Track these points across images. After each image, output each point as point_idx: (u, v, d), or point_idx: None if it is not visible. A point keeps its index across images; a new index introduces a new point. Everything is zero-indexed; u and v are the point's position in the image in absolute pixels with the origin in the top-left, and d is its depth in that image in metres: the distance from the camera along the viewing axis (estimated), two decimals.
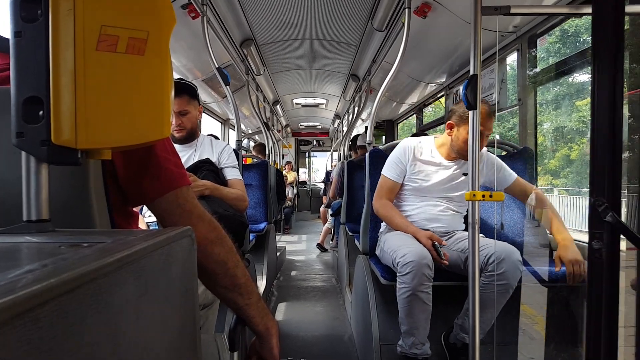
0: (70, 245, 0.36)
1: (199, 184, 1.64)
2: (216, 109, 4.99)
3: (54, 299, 0.23)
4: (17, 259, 0.34)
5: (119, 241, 0.37)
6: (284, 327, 2.65)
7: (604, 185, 1.07)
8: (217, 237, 0.71)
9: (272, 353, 0.80)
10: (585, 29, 6.86)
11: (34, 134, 0.42)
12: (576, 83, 7.62)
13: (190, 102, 1.81)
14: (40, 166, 0.44)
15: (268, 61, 3.96)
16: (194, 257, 0.49)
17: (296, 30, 3.20)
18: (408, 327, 1.63)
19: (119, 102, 0.44)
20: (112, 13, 0.43)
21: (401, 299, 1.61)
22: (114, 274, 0.30)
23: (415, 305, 1.57)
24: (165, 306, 0.40)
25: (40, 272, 0.25)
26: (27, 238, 0.41)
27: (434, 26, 2.58)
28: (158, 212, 0.68)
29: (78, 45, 0.42)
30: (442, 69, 3.45)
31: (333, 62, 4.07)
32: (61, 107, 0.42)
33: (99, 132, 0.43)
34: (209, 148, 1.92)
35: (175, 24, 0.47)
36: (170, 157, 0.69)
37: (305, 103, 6.39)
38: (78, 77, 0.42)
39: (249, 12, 2.82)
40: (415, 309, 1.58)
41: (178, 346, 0.44)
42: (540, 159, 4.80)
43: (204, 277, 0.72)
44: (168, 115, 0.47)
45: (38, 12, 0.42)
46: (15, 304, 0.20)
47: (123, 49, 0.43)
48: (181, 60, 3.22)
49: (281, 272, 4.18)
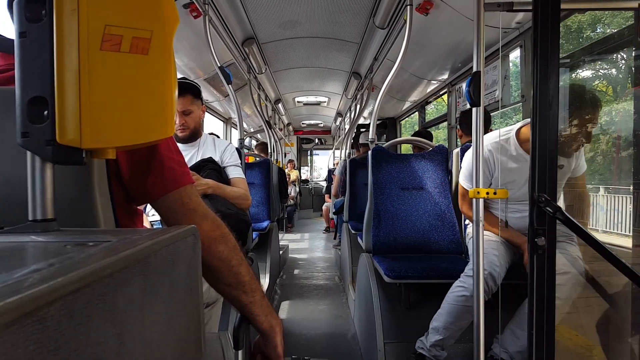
0: (76, 245, 0.36)
1: (202, 182, 1.64)
2: (218, 107, 4.99)
3: (60, 298, 0.23)
4: (23, 259, 0.34)
5: (124, 240, 0.37)
6: (288, 326, 2.65)
7: (545, 182, 1.10)
8: (221, 235, 0.72)
9: (277, 351, 0.80)
10: (588, 24, 6.83)
11: (39, 134, 0.42)
12: (579, 79, 7.59)
13: (194, 101, 1.82)
14: (45, 166, 0.44)
15: (270, 60, 3.95)
16: (198, 255, 0.49)
17: (298, 28, 3.20)
18: (442, 325, 1.58)
19: (123, 101, 0.44)
20: (116, 13, 0.43)
21: (454, 296, 1.57)
22: (120, 273, 0.30)
23: (464, 310, 1.54)
24: (170, 305, 0.40)
25: (46, 272, 0.25)
26: (33, 237, 0.41)
27: (436, 23, 2.57)
28: (162, 211, 0.69)
29: (82, 45, 0.42)
30: (445, 66, 3.44)
31: (335, 60, 4.06)
32: (66, 107, 0.42)
33: (103, 131, 0.44)
34: (212, 147, 1.93)
35: (178, 23, 0.47)
36: (173, 156, 0.69)
37: (307, 101, 6.38)
38: (82, 77, 0.42)
39: (250, 11, 2.82)
40: (462, 312, 1.55)
41: (183, 345, 0.44)
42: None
43: (208, 275, 0.72)
44: (172, 114, 0.47)
45: (42, 12, 0.42)
46: (22, 304, 0.20)
47: (127, 48, 0.44)
48: (183, 60, 3.22)
49: (284, 271, 4.18)
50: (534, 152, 1.10)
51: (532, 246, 1.13)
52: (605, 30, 6.35)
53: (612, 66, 4.22)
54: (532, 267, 1.13)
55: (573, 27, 7.65)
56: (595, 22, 7.18)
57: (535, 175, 1.12)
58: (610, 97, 6.11)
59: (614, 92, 6.57)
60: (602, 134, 2.94)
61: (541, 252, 1.11)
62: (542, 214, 1.12)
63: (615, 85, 5.95)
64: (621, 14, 3.40)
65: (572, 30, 7.71)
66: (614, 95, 6.49)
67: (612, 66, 4.22)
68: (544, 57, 1.07)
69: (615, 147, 2.44)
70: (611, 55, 2.27)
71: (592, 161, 6.92)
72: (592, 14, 6.42)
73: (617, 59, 2.51)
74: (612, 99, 5.48)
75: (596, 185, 6.15)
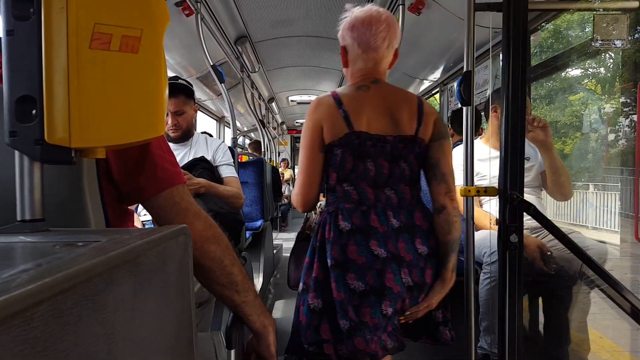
0: (65, 245, 0.36)
1: (194, 181, 1.63)
2: (211, 106, 4.96)
3: (48, 298, 0.23)
4: (11, 259, 0.34)
5: (114, 240, 0.37)
6: (281, 325, 2.65)
7: (516, 180, 1.12)
8: (213, 235, 0.72)
9: (270, 350, 0.80)
10: (577, 24, 6.90)
11: (27, 133, 0.42)
12: (569, 78, 7.68)
13: (187, 102, 1.81)
14: (33, 165, 0.44)
15: (263, 58, 3.94)
16: (189, 255, 0.49)
17: (291, 27, 3.19)
18: (490, 322, 1.53)
19: (112, 100, 0.44)
20: (105, 11, 0.43)
21: (484, 291, 1.54)
22: (109, 272, 0.30)
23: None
24: (161, 305, 0.40)
25: (34, 272, 0.25)
26: (21, 238, 0.41)
27: (428, 23, 2.58)
28: (153, 211, 0.68)
29: (71, 43, 0.41)
30: (437, 65, 3.45)
31: (328, 59, 4.06)
32: (54, 106, 0.42)
33: (92, 130, 0.43)
34: (204, 146, 1.92)
35: (169, 21, 0.47)
36: (165, 156, 0.69)
37: (300, 100, 6.37)
38: (71, 76, 0.42)
39: (243, 9, 2.80)
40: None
41: (174, 345, 0.44)
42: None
43: (200, 275, 0.72)
44: (162, 113, 0.47)
45: (30, 10, 0.41)
46: (10, 304, 0.20)
47: (116, 47, 0.43)
48: (175, 58, 3.20)
49: (278, 270, 4.18)
50: (506, 151, 1.12)
51: (504, 243, 1.15)
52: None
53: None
54: (504, 263, 1.14)
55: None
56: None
57: (507, 173, 1.13)
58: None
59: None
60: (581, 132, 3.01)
61: (513, 249, 1.13)
62: (514, 211, 1.14)
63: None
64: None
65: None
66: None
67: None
68: (515, 65, 1.09)
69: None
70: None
71: (583, 159, 6.96)
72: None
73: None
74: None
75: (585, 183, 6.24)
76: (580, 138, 7.20)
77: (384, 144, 1.11)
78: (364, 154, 1.11)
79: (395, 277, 1.06)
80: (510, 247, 1.13)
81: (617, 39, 1.34)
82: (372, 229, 1.08)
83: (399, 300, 1.08)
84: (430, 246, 1.12)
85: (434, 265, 1.13)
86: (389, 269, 1.06)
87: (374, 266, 1.05)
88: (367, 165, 1.11)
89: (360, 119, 1.10)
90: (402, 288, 1.07)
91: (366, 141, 1.10)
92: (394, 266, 1.07)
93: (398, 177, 1.14)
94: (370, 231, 1.08)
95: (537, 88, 5.90)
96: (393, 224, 1.10)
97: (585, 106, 7.43)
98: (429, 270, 1.12)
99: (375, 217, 1.09)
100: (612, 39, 1.33)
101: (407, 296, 1.09)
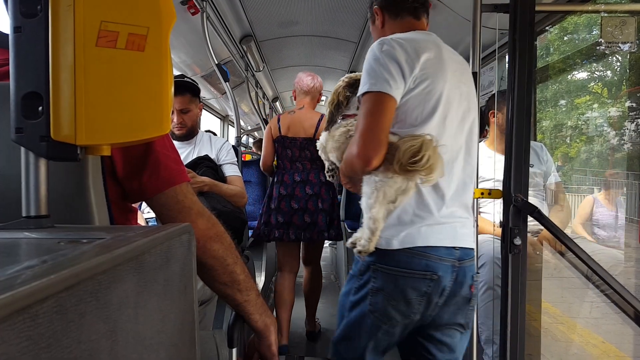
0: (70, 242, 0.36)
1: (198, 180, 1.64)
2: (215, 105, 4.97)
3: (53, 295, 0.23)
4: (16, 255, 0.34)
5: (118, 237, 0.37)
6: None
7: (520, 182, 1.12)
8: (216, 233, 0.72)
9: (271, 350, 0.80)
10: (584, 26, 6.86)
11: (33, 130, 0.42)
12: (575, 80, 7.64)
13: (193, 100, 1.82)
14: (39, 162, 0.44)
15: (267, 58, 3.94)
16: (193, 253, 0.49)
17: (296, 27, 3.19)
18: (490, 331, 1.47)
19: (118, 98, 0.44)
20: (112, 9, 0.43)
21: (481, 297, 1.50)
22: (113, 270, 0.30)
23: (496, 305, 1.44)
24: (164, 302, 0.40)
25: (39, 269, 0.25)
26: (26, 234, 0.41)
27: (433, 23, 2.56)
28: (157, 209, 0.68)
29: (78, 40, 0.42)
30: None
31: (333, 58, 4.05)
32: (61, 103, 0.42)
33: (98, 128, 0.43)
34: (208, 144, 1.93)
35: (175, 20, 0.47)
36: (169, 154, 0.69)
37: None
38: (78, 73, 0.42)
39: (248, 9, 2.81)
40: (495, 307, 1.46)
41: (177, 342, 0.44)
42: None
43: (203, 273, 0.72)
44: (168, 111, 0.47)
45: (38, 7, 0.41)
46: (15, 300, 0.20)
47: (123, 44, 0.43)
48: (180, 56, 3.21)
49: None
50: (510, 153, 1.11)
51: (508, 246, 1.14)
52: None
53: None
54: (506, 266, 1.14)
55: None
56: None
57: (510, 175, 1.13)
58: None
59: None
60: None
61: (517, 252, 1.12)
62: (518, 214, 1.14)
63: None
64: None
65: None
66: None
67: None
68: (521, 66, 1.09)
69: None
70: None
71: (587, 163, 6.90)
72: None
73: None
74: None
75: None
76: (585, 141, 7.16)
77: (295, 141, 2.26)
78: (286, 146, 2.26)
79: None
80: (514, 250, 1.13)
81: (625, 41, 1.33)
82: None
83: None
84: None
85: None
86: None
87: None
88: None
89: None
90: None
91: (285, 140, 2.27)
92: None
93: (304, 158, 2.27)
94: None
95: (542, 90, 5.88)
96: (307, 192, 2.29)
97: (591, 109, 7.39)
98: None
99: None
100: (620, 41, 1.33)
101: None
